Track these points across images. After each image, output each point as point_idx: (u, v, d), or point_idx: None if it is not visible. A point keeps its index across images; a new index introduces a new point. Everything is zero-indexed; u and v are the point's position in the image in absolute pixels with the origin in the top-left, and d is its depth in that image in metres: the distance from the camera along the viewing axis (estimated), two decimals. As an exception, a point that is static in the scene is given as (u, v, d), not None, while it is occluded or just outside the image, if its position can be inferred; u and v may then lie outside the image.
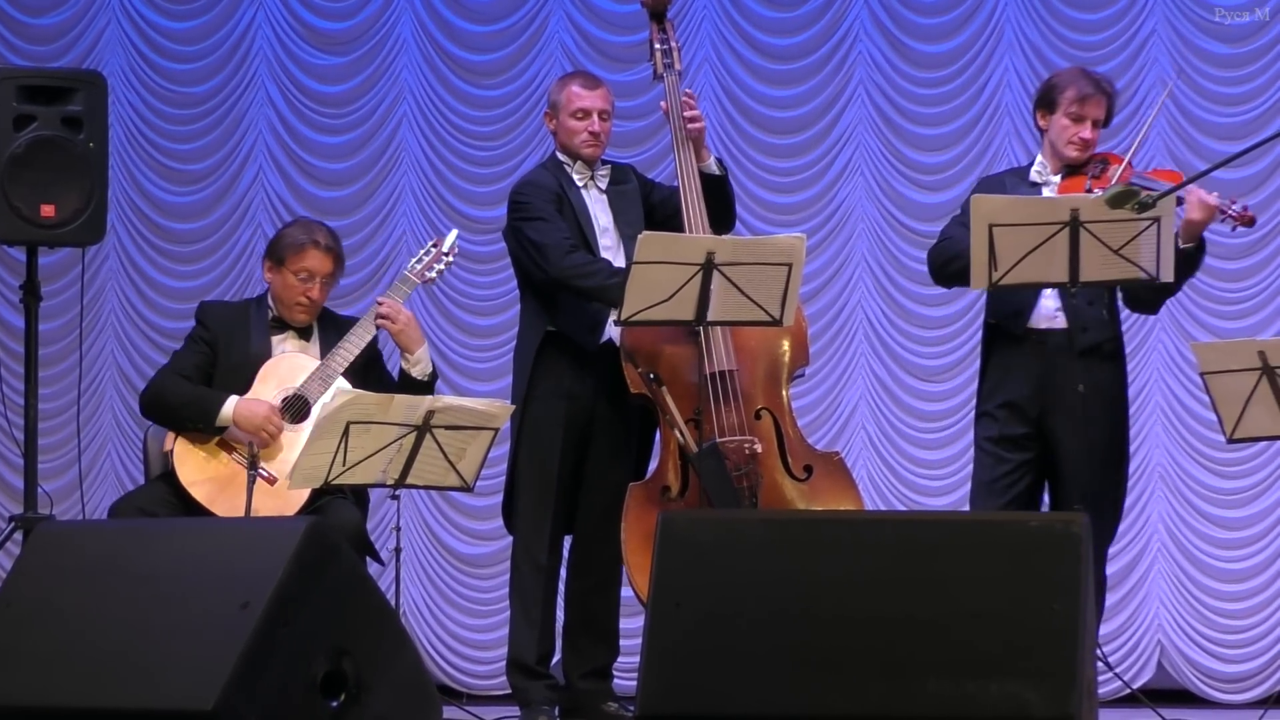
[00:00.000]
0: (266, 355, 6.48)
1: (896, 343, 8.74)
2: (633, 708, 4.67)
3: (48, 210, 6.83)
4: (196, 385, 6.43)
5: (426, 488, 6.36)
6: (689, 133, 6.51)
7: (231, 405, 6.34)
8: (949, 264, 6.35)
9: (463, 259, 7.64)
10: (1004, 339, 6.41)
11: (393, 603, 5.64)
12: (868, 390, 8.74)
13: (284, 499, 6.21)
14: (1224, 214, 6.09)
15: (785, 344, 6.48)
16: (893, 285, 8.74)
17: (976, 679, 4.30)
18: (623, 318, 6.11)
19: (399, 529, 6.31)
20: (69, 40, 9.29)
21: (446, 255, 6.67)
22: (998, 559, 4.44)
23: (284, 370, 6.44)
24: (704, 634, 4.49)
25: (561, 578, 6.69)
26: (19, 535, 6.94)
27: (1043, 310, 6.35)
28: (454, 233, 6.78)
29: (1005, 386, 6.39)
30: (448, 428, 5.98)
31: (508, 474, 6.60)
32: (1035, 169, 6.50)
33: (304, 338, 6.54)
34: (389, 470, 6.01)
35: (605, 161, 6.66)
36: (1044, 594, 4.36)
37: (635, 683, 4.54)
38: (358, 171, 9.15)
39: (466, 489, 6.16)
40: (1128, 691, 7.88)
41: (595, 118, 6.55)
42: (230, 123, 9.21)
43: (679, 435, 6.26)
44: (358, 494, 6.40)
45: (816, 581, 4.49)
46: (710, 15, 8.90)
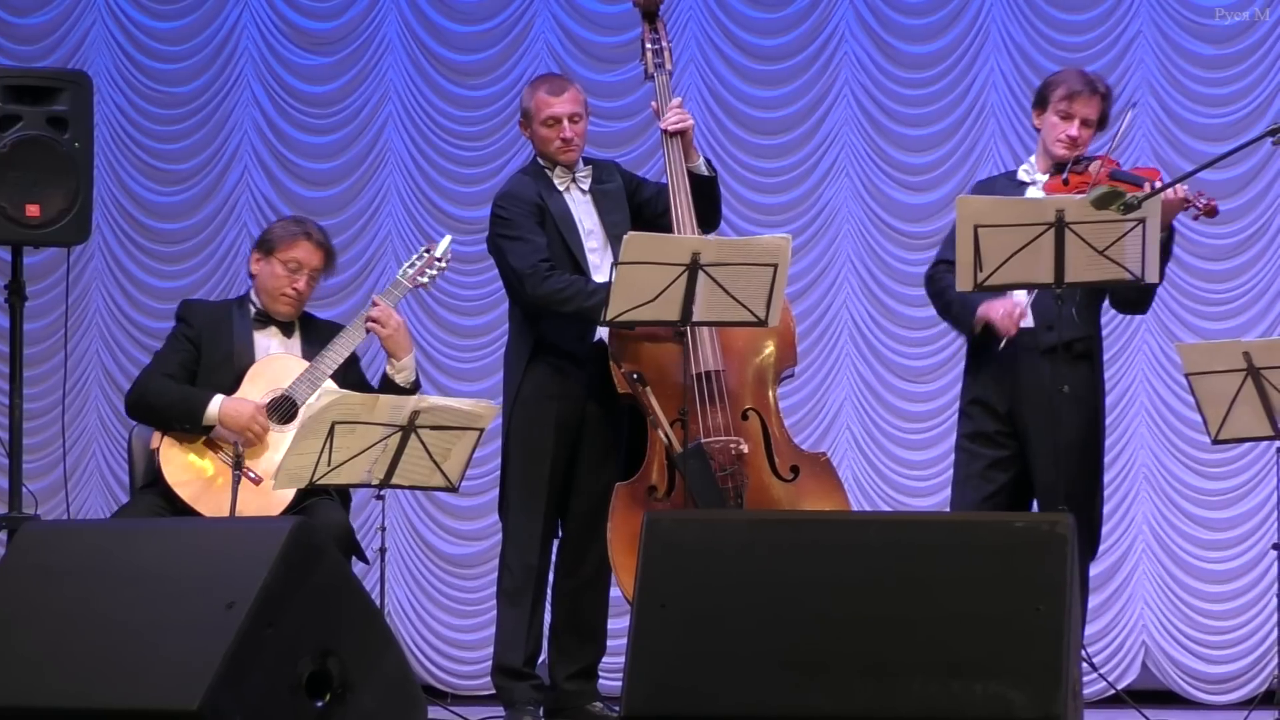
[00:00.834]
0: (248, 353, 6.47)
1: (881, 343, 8.74)
2: (618, 708, 4.67)
3: (33, 210, 6.80)
4: (182, 385, 6.42)
5: (412, 488, 6.36)
6: (674, 128, 6.50)
7: (217, 404, 6.33)
8: (942, 310, 6.49)
9: (448, 259, 7.64)
10: (978, 337, 6.41)
11: (378, 603, 5.63)
12: (853, 391, 8.74)
13: (269, 499, 6.20)
14: (1189, 203, 6.10)
15: (772, 344, 6.47)
16: (878, 286, 8.74)
17: (962, 679, 4.31)
18: (608, 318, 6.11)
19: (384, 529, 6.30)
20: (54, 40, 9.28)
21: (439, 261, 6.65)
22: (983, 560, 4.44)
23: (273, 371, 6.43)
24: (689, 635, 4.49)
25: (549, 579, 6.69)
26: (3, 535, 6.94)
27: None
28: (447, 239, 6.76)
29: (977, 383, 6.41)
30: (433, 428, 5.97)
31: (501, 474, 6.60)
32: (1024, 168, 6.50)
33: (285, 334, 6.53)
34: (374, 470, 6.00)
35: (587, 161, 6.65)
36: (1029, 595, 4.37)
37: (620, 683, 4.54)
38: (343, 172, 9.14)
39: (451, 489, 6.16)
40: (1112, 692, 7.89)
41: (566, 123, 6.50)
42: (216, 123, 9.21)
43: (663, 436, 6.26)
44: (340, 494, 6.40)
45: (802, 582, 4.49)
46: (696, 16, 8.89)
